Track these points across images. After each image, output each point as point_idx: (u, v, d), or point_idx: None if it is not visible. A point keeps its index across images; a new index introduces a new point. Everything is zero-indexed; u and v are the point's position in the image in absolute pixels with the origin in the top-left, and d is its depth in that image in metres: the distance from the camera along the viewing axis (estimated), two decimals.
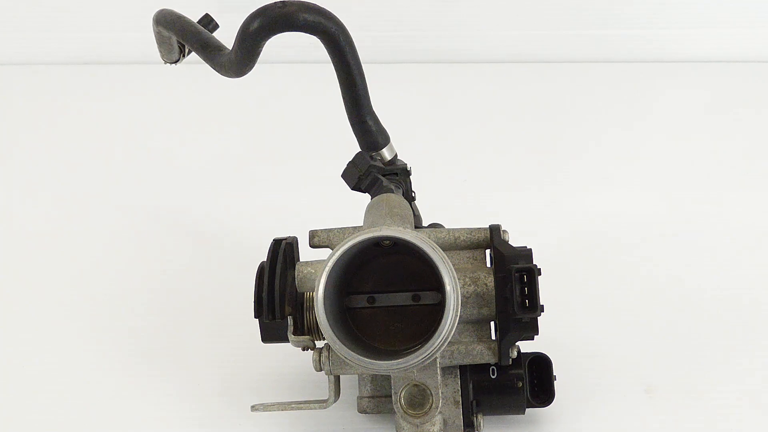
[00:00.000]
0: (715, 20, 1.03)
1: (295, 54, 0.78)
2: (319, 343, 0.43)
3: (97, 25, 1.03)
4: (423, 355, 0.35)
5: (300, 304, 0.43)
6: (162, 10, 0.54)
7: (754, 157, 0.81)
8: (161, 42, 0.56)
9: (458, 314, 0.35)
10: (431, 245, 0.35)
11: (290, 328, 0.42)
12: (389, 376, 0.42)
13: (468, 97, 0.96)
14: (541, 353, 0.45)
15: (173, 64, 0.57)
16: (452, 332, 0.35)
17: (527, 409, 0.45)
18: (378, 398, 0.45)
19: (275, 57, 0.52)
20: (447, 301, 0.34)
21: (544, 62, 1.03)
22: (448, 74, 1.01)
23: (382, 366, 0.35)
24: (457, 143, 0.84)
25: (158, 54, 0.58)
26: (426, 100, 0.94)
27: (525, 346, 0.44)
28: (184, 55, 0.56)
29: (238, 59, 0.45)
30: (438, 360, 0.41)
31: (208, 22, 0.54)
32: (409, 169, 0.53)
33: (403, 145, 0.53)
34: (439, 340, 0.34)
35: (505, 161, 0.81)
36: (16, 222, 0.73)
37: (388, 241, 0.38)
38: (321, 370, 0.42)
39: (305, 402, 0.44)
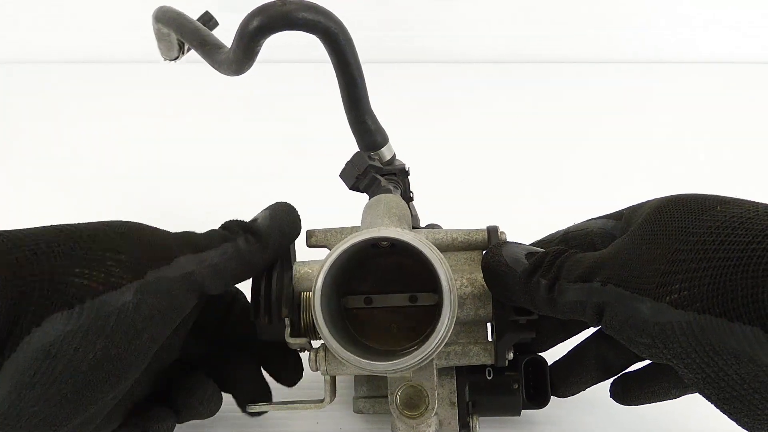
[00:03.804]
0: (716, 21, 1.03)
1: (294, 53, 0.78)
2: (316, 343, 0.43)
3: (98, 25, 1.03)
4: (420, 357, 0.35)
5: (297, 305, 0.43)
6: (161, 7, 0.54)
7: (755, 158, 0.82)
8: (160, 39, 0.56)
9: (455, 316, 0.35)
10: (429, 246, 0.35)
11: (287, 331, 0.42)
12: (385, 376, 0.42)
13: (467, 97, 0.96)
14: (537, 355, 0.45)
15: (173, 62, 0.57)
16: (449, 333, 0.35)
17: (523, 411, 0.45)
18: (374, 399, 0.45)
19: (274, 56, 0.51)
20: (444, 302, 0.34)
21: (544, 62, 1.03)
22: (448, 74, 1.01)
23: (379, 367, 0.35)
24: (455, 144, 0.84)
25: (158, 51, 0.58)
26: (425, 100, 0.94)
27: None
28: (183, 53, 0.56)
29: (237, 57, 0.45)
30: (434, 361, 0.41)
31: (208, 19, 0.54)
32: (407, 169, 0.53)
33: (401, 145, 0.53)
34: (436, 342, 0.34)
35: (504, 162, 0.81)
36: (17, 222, 0.73)
37: (385, 242, 0.38)
38: (317, 370, 0.42)
39: (301, 402, 0.44)
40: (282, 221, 0.42)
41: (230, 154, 0.83)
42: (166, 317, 0.36)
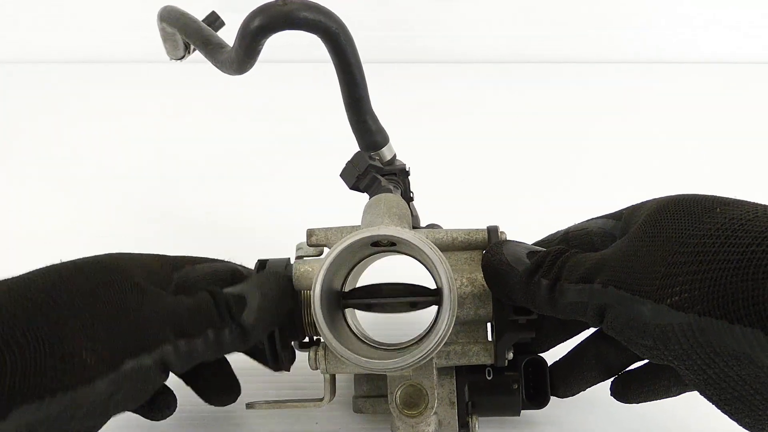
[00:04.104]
0: (716, 21, 1.03)
1: (294, 53, 0.78)
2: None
3: (98, 25, 1.03)
4: (419, 356, 0.35)
5: (298, 306, 0.43)
6: (166, 7, 0.55)
7: (755, 158, 0.82)
8: (166, 38, 0.56)
9: (455, 315, 0.35)
10: (429, 245, 0.35)
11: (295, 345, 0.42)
12: (385, 375, 0.42)
13: (467, 97, 0.96)
14: (537, 355, 0.45)
15: (178, 61, 0.58)
16: (449, 333, 0.35)
17: (522, 411, 0.44)
18: (374, 398, 0.45)
19: (275, 56, 0.51)
20: (444, 301, 0.34)
21: (545, 62, 1.03)
22: (449, 74, 1.01)
23: (378, 365, 0.35)
24: (455, 144, 0.84)
25: (162, 51, 0.58)
26: (425, 100, 0.94)
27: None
28: (189, 52, 0.56)
29: (239, 57, 0.45)
30: (434, 360, 0.41)
31: (214, 19, 0.54)
32: (407, 169, 0.53)
33: (401, 145, 0.53)
34: (435, 341, 0.34)
35: (504, 162, 0.81)
36: (18, 222, 0.73)
37: (386, 241, 0.38)
38: (317, 368, 0.42)
39: (300, 400, 0.44)
40: (272, 313, 0.40)
41: (230, 154, 0.83)
42: (140, 397, 0.36)
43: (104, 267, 0.36)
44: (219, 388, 0.44)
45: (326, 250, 0.44)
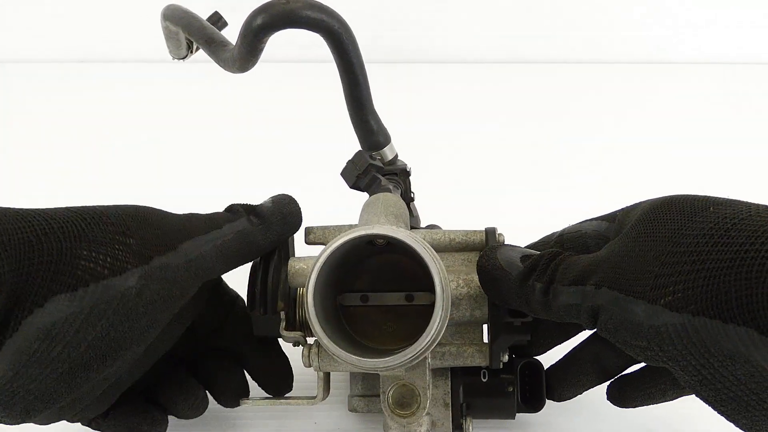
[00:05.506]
0: (716, 21, 1.03)
1: (295, 52, 0.78)
2: (310, 340, 0.43)
3: (99, 24, 1.03)
4: (410, 355, 0.34)
5: (293, 300, 0.43)
6: (170, 6, 0.55)
7: (755, 158, 0.81)
8: (169, 37, 0.57)
9: (447, 315, 0.35)
10: (423, 244, 0.35)
11: (282, 324, 0.42)
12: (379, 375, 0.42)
13: (466, 97, 0.96)
14: (533, 358, 0.45)
15: (181, 60, 0.58)
16: (441, 333, 0.35)
17: (518, 415, 0.44)
18: (368, 397, 0.45)
19: (276, 55, 0.52)
20: (437, 301, 0.34)
21: (544, 63, 1.03)
22: (448, 74, 1.01)
23: (369, 363, 0.35)
24: (454, 144, 0.84)
25: (166, 50, 0.58)
26: (424, 100, 0.94)
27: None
28: (192, 52, 0.56)
29: (241, 55, 0.45)
30: (428, 361, 0.41)
31: (217, 19, 0.54)
32: (408, 169, 0.53)
33: (401, 145, 0.53)
34: (426, 341, 0.34)
35: (503, 162, 0.81)
36: None
37: (381, 240, 0.38)
38: (310, 366, 0.42)
39: (294, 398, 0.44)
40: (284, 208, 0.43)
41: (230, 154, 0.83)
42: (167, 303, 0.36)
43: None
44: (272, 370, 0.46)
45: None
